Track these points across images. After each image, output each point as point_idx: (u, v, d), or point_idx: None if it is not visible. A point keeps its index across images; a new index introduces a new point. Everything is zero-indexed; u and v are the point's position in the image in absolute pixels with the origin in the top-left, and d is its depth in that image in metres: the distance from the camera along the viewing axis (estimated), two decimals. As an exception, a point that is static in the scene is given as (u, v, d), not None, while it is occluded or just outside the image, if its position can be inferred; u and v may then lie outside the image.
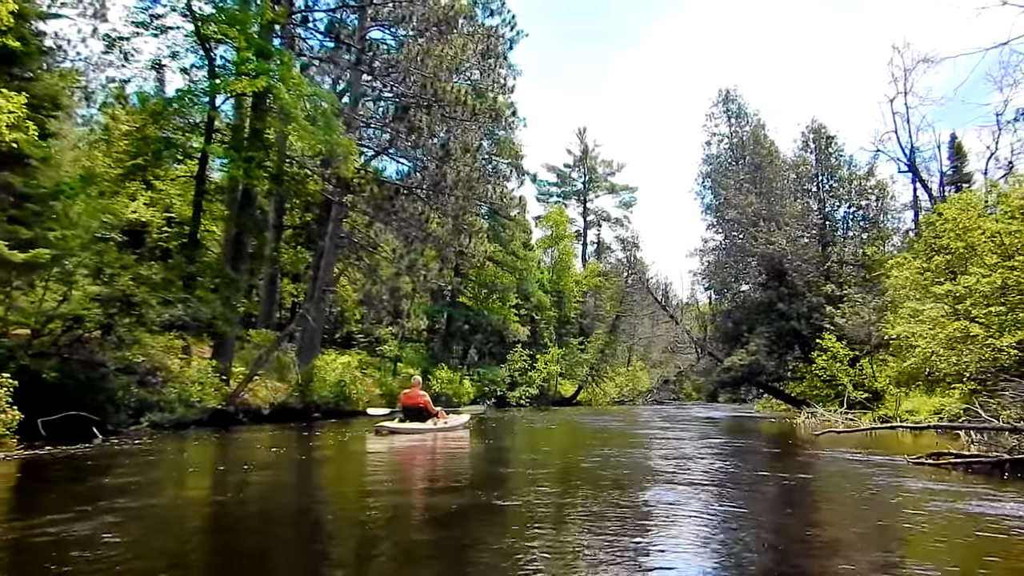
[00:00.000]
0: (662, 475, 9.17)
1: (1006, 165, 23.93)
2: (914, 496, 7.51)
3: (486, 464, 11.68)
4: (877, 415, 19.21)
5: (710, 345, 27.07)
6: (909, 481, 8.58)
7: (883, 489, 8.03)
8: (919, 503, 7.01)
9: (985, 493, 7.53)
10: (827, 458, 11.57)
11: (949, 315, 14.85)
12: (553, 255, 51.94)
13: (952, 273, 16.32)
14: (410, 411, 15.72)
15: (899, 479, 8.77)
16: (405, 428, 15.02)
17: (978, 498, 7.17)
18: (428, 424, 15.61)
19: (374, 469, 10.68)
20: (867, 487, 8.20)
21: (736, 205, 25.95)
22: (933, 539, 5.56)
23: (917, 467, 9.76)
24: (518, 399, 37.84)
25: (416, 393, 16.06)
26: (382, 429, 14.74)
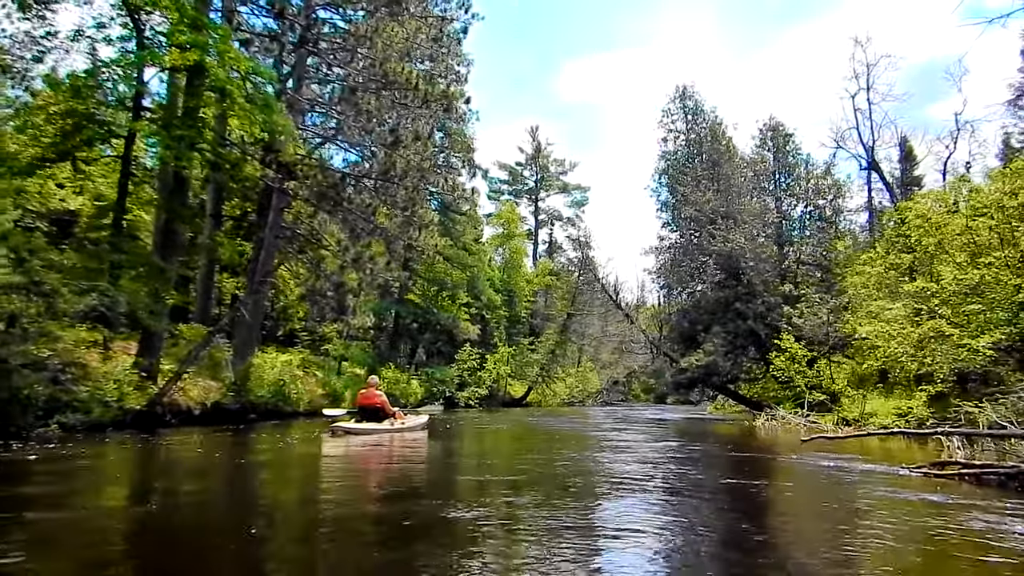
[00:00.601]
0: (627, 484, 8.39)
1: (964, 165, 24.09)
2: (925, 511, 6.70)
3: (442, 469, 10.91)
4: (838, 418, 18.87)
5: (664, 345, 26.54)
6: (908, 493, 7.80)
7: (891, 503, 7.20)
8: (933, 519, 6.21)
9: (1008, 509, 6.67)
10: (807, 465, 10.82)
11: (920, 314, 14.50)
12: (504, 253, 51.17)
13: (914, 272, 16.11)
14: (367, 411, 15.43)
15: (901, 491, 7.92)
16: (361, 428, 14.66)
17: (1001, 515, 6.35)
18: (385, 424, 15.30)
19: (321, 475, 9.73)
20: (869, 500, 7.37)
21: (694, 202, 25.50)
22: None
23: (905, 476, 8.96)
24: (467, 400, 36.94)
25: (373, 393, 15.73)
26: (337, 429, 14.42)
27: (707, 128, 28.59)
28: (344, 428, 14.64)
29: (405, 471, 10.38)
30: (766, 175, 27.26)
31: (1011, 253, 12.30)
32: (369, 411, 15.47)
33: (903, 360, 14.76)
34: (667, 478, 9.20)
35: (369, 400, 15.64)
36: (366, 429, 14.79)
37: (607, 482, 8.58)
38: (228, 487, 8.49)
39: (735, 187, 26.74)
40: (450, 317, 37.02)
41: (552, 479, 8.88)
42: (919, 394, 15.31)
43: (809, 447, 13.28)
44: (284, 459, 11.48)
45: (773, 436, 17.22)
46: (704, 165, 27.57)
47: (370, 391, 15.87)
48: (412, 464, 11.26)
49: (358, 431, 14.60)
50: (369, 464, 11.06)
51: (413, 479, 9.44)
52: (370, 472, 10.16)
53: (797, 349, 21.66)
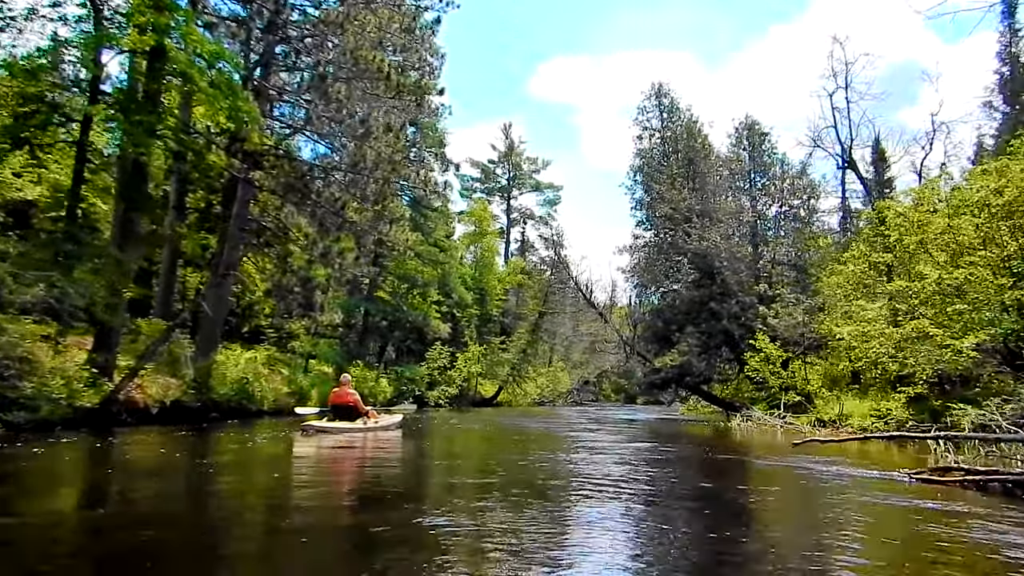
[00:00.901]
0: (606, 489, 8.00)
1: (939, 166, 24.21)
2: (931, 520, 6.20)
3: (415, 471, 10.50)
4: (814, 419, 18.73)
5: (638, 345, 26.28)
6: (907, 500, 7.35)
7: (894, 513, 6.80)
8: (941, 529, 5.76)
9: (1019, 519, 6.25)
10: (795, 469, 10.27)
11: (899, 314, 14.34)
12: (476, 251, 50.67)
13: (891, 272, 16.00)
14: (340, 410, 15.27)
15: (902, 499, 7.46)
16: (333, 428, 14.51)
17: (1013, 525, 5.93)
18: (358, 424, 15.15)
19: (287, 477, 9.20)
20: (870, 510, 6.90)
21: (669, 200, 25.24)
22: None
23: (902, 483, 8.40)
24: (437, 399, 36.42)
25: (346, 391, 15.58)
26: (308, 428, 14.18)
27: (683, 126, 28.42)
28: (316, 427, 14.38)
29: (377, 473, 9.95)
30: (741, 174, 27.18)
31: (996, 252, 12.19)
32: (342, 410, 15.27)
33: (883, 361, 14.54)
34: (647, 482, 8.83)
35: (342, 399, 15.45)
36: (338, 428, 14.59)
37: (585, 486, 8.19)
38: (186, 491, 7.97)
39: (710, 186, 26.58)
40: (420, 315, 36.44)
41: (528, 483, 8.47)
42: (898, 396, 15.15)
43: (790, 449, 13.04)
44: (247, 460, 10.96)
45: (750, 438, 17.00)
46: (680, 163, 27.36)
47: (343, 389, 15.68)
48: (384, 466, 10.85)
49: (330, 430, 14.37)
50: (340, 466, 10.62)
51: (385, 482, 9.00)
52: (340, 474, 9.71)
53: (772, 350, 21.54)
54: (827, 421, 18.06)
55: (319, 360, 31.08)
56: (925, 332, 12.64)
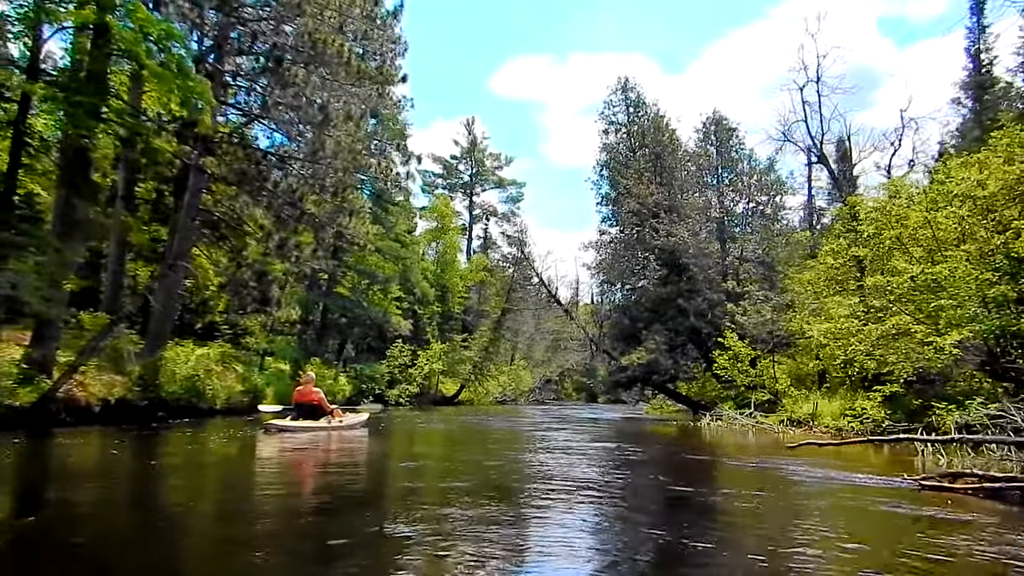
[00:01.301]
0: (581, 494, 7.55)
1: (908, 163, 24.27)
2: (951, 534, 5.56)
3: (379, 474, 10.00)
4: (786, 418, 18.53)
5: (603, 343, 25.86)
6: (916, 509, 6.65)
7: (909, 525, 6.08)
8: (966, 545, 5.13)
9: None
10: (785, 473, 9.47)
11: (874, 311, 14.15)
12: (438, 248, 49.97)
13: (863, 269, 15.87)
14: (303, 409, 15.07)
15: (912, 508, 6.69)
16: (296, 427, 14.28)
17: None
18: (322, 422, 14.96)
19: (241, 481, 8.65)
20: (884, 522, 6.17)
21: (636, 195, 24.90)
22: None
23: (908, 489, 7.62)
24: (397, 398, 35.69)
25: (309, 390, 15.41)
26: (270, 428, 14.00)
27: (649, 120, 28.17)
28: (278, 426, 14.12)
29: (339, 477, 9.38)
30: (709, 170, 27.02)
31: (981, 246, 12.04)
32: (305, 409, 15.05)
33: (860, 359, 14.27)
34: (617, 486, 8.42)
35: (305, 397, 15.24)
36: (301, 427, 14.34)
37: (555, 490, 7.71)
38: (128, 497, 7.39)
39: (678, 181, 26.35)
40: (381, 311, 35.68)
41: (495, 486, 8.01)
42: (873, 395, 14.89)
43: (765, 450, 12.77)
44: (196, 462, 10.28)
45: (720, 438, 16.67)
46: (647, 158, 27.07)
47: (307, 388, 15.47)
48: (347, 468, 10.31)
49: (293, 429, 14.11)
50: (299, 468, 10.08)
51: (347, 486, 8.48)
52: (299, 478, 9.14)
53: (741, 347, 21.34)
54: (799, 421, 17.86)
55: (276, 357, 30.18)
56: (906, 329, 12.41)
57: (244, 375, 24.11)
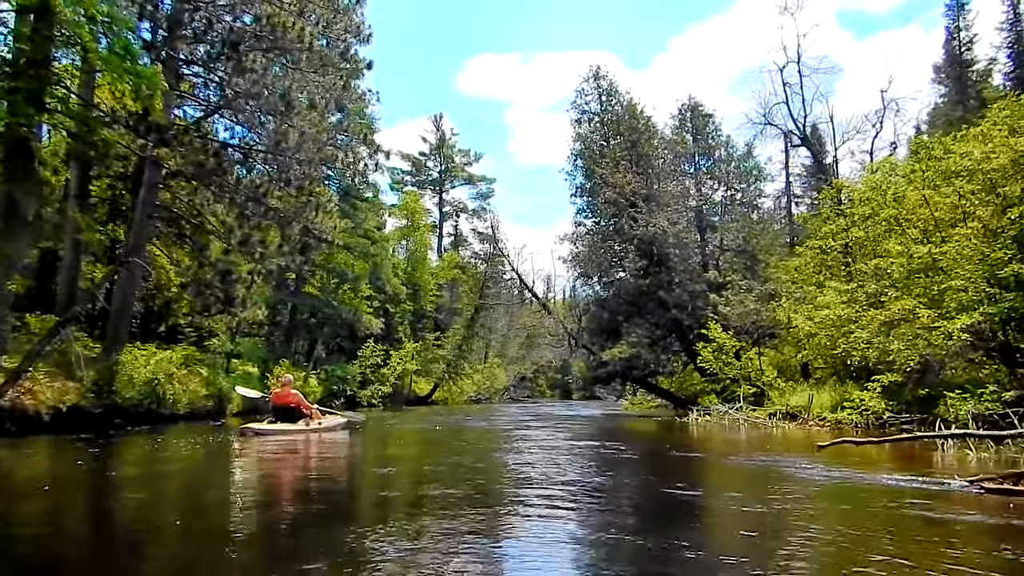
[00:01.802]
0: (571, 500, 6.97)
1: (890, 145, 23.92)
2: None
3: (357, 482, 9.29)
4: (776, 411, 18.00)
5: (582, 338, 25.21)
6: (985, 517, 5.65)
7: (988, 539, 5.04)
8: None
9: None
10: (807, 475, 8.41)
11: (865, 298, 13.65)
12: (408, 245, 49.05)
13: (849, 254, 15.43)
14: (281, 411, 14.77)
15: (983, 517, 5.69)
16: (273, 430, 14.01)
17: None
18: (300, 425, 14.68)
19: (202, 493, 7.89)
20: (956, 539, 5.00)
21: (613, 184, 24.26)
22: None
23: (966, 494, 6.66)
24: (370, 399, 34.81)
25: (287, 392, 15.17)
26: (247, 431, 13.78)
27: (623, 108, 27.57)
28: (255, 430, 13.87)
29: (314, 485, 8.79)
30: (686, 157, 26.49)
31: (986, 223, 11.57)
32: (283, 411, 14.74)
33: (859, 348, 13.52)
34: (614, 491, 7.80)
35: (283, 399, 14.97)
36: (279, 431, 14.05)
37: (544, 498, 7.01)
38: (74, 513, 6.63)
39: (655, 169, 25.79)
40: (351, 311, 34.74)
41: (479, 494, 7.40)
42: (871, 385, 14.26)
43: (763, 448, 12.27)
44: (153, 473, 9.54)
45: (712, 434, 16.09)
46: (623, 146, 26.47)
47: (284, 390, 15.24)
48: (324, 476, 9.70)
49: (270, 433, 13.83)
50: (272, 478, 9.44)
51: (323, 496, 7.85)
52: (270, 488, 8.50)
53: (725, 339, 20.81)
54: (792, 414, 17.24)
55: (243, 360, 29.20)
56: (911, 314, 11.77)
57: (208, 379, 23.18)
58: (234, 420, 22.47)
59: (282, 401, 15.01)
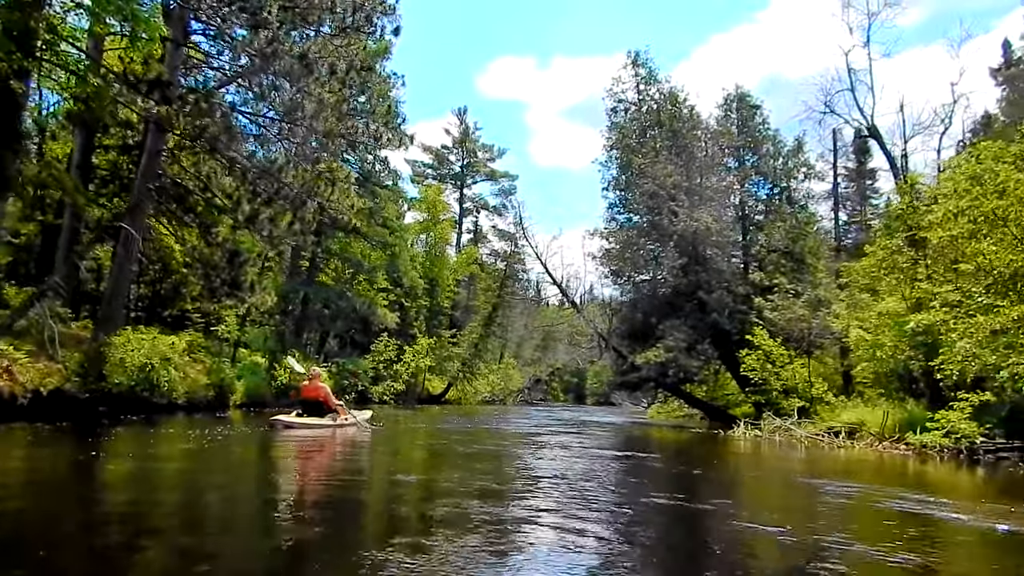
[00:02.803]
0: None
1: (958, 144, 21.72)
2: None
3: (379, 492, 7.75)
4: (828, 427, 16.06)
5: (612, 339, 23.34)
6: None
7: None
8: None
9: None
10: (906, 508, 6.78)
11: (962, 303, 11.77)
12: (428, 239, 47.50)
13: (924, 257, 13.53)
14: (308, 405, 14.59)
15: None
16: (301, 423, 13.93)
17: None
18: (327, 420, 14.49)
19: (198, 497, 6.37)
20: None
21: (652, 176, 22.34)
22: None
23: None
24: (382, 395, 33.27)
25: (316, 385, 14.92)
26: (277, 423, 13.70)
27: (665, 95, 25.70)
28: (284, 422, 13.78)
29: (334, 492, 7.41)
30: (730, 150, 24.51)
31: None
32: (310, 405, 14.56)
33: (958, 362, 11.59)
34: (747, 545, 6.07)
35: (311, 393, 14.76)
36: (306, 424, 13.94)
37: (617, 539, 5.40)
38: (45, 517, 5.12)
39: (697, 161, 23.85)
40: (366, 303, 33.20)
41: (524, 520, 5.72)
42: (959, 405, 12.32)
43: (855, 470, 10.44)
44: (139, 473, 7.95)
45: (780, 452, 14.08)
46: (663, 136, 24.57)
47: (313, 383, 14.98)
48: (344, 479, 8.45)
49: (298, 426, 13.76)
50: (292, 476, 8.41)
51: (339, 507, 6.38)
52: (284, 491, 7.26)
53: (773, 346, 18.89)
54: (850, 432, 15.17)
55: (251, 349, 27.69)
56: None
57: (211, 367, 21.69)
58: (236, 413, 21.05)
59: (310, 394, 14.75)
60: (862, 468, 11.23)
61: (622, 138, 25.66)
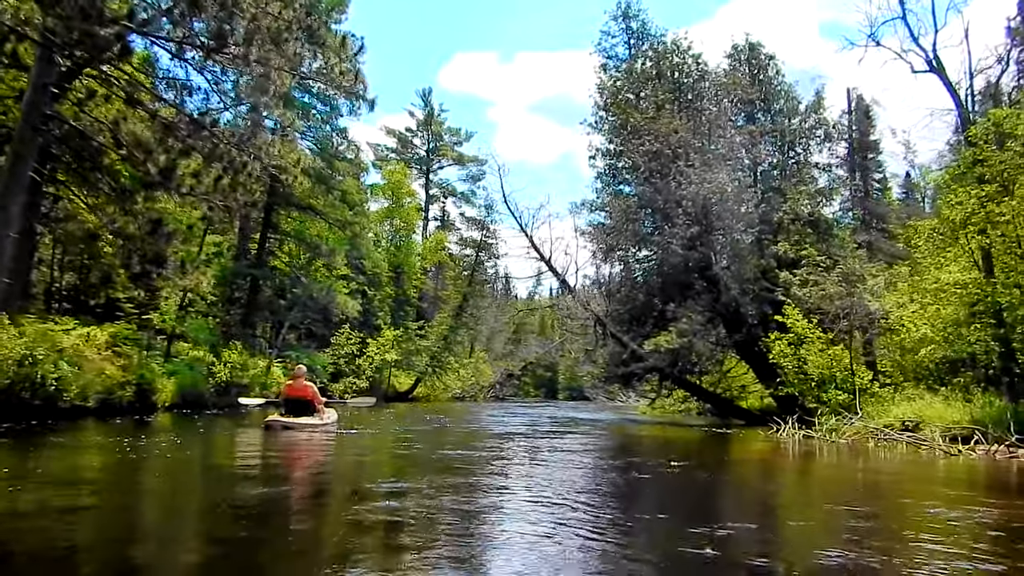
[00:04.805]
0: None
1: (1009, 94, 18.59)
2: None
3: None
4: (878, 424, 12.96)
5: (608, 325, 20.01)
6: None
7: None
8: None
9: None
10: None
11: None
12: (393, 224, 43.93)
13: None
14: (294, 404, 13.92)
15: None
16: (298, 423, 13.32)
17: None
18: (315, 420, 13.87)
19: None
20: None
21: (656, 133, 18.94)
22: None
23: None
24: (343, 393, 29.84)
25: (303, 384, 14.32)
26: (274, 424, 13.20)
27: (657, 52, 22.24)
28: (282, 423, 13.20)
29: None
30: (742, 105, 21.19)
31: None
32: (297, 404, 13.86)
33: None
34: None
35: (297, 392, 14.08)
36: (302, 424, 13.32)
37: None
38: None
39: (705, 115, 20.55)
40: (324, 289, 29.63)
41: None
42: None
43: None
44: None
45: (899, 466, 10.62)
46: (664, 87, 21.22)
47: (298, 381, 14.36)
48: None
49: (295, 427, 13.16)
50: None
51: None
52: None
53: (808, 330, 15.69)
54: (985, 433, 11.82)
55: (192, 343, 23.92)
56: None
57: (137, 362, 18.16)
58: (165, 416, 17.64)
59: (296, 393, 14.04)
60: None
61: (614, 95, 22.41)
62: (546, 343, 65.59)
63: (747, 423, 18.86)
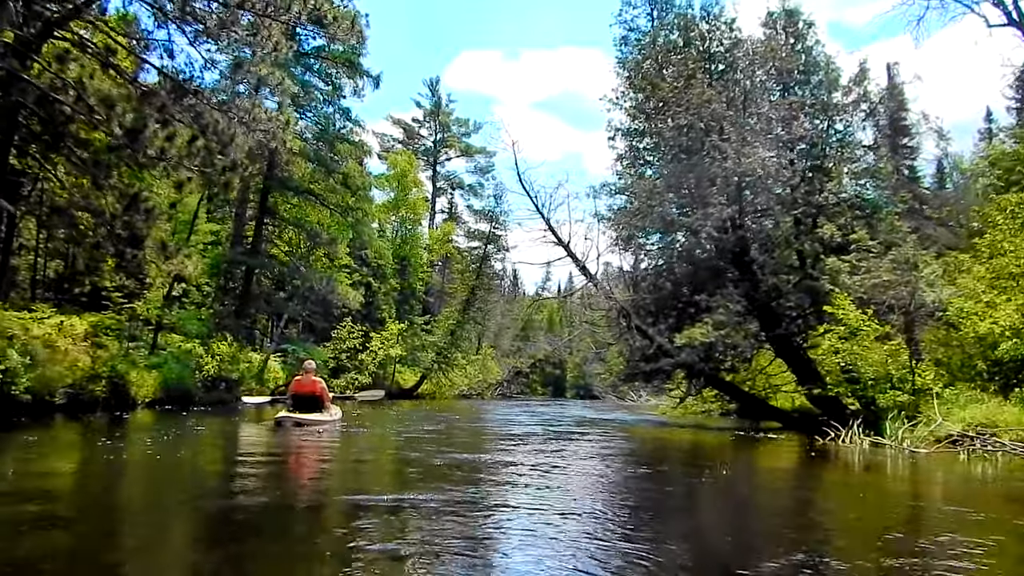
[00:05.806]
0: None
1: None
2: None
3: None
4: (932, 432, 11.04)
5: (631, 317, 18.20)
6: None
7: None
8: None
9: None
10: None
11: None
12: (399, 213, 42.27)
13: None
14: (302, 400, 13.74)
15: None
16: (309, 420, 13.18)
17: None
18: (324, 416, 13.79)
19: None
20: None
21: (687, 104, 16.92)
22: None
23: None
24: (344, 389, 28.24)
25: (311, 380, 14.13)
26: (285, 421, 13.00)
27: (697, 10, 20.49)
28: (294, 419, 13.05)
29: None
30: (780, 77, 19.17)
31: None
32: (306, 400, 13.74)
33: None
34: None
35: (306, 388, 13.94)
36: (313, 421, 13.24)
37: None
38: None
39: (742, 87, 18.58)
40: (325, 279, 28.00)
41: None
42: None
43: None
44: None
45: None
46: (696, 57, 19.28)
47: (307, 376, 14.17)
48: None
49: (307, 423, 13.03)
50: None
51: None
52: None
53: (863, 321, 13.68)
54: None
55: (183, 335, 22.32)
56: None
57: (116, 355, 16.66)
58: (146, 413, 16.13)
59: (305, 389, 13.87)
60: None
61: (637, 69, 20.59)
62: (554, 339, 64.16)
63: (784, 426, 17.08)
